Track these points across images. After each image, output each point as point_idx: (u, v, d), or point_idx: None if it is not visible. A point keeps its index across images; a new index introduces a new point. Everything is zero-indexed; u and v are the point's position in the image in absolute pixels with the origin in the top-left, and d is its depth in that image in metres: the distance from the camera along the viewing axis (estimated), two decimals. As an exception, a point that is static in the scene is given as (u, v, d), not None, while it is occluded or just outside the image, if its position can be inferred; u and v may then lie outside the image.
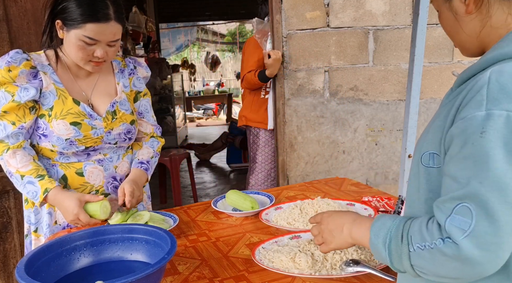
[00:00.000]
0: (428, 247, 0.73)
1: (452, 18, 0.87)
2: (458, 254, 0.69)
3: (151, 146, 1.72)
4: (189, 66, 11.75)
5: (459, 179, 0.72)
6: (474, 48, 0.89)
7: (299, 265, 1.16)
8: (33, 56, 1.49)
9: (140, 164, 1.65)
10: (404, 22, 2.90)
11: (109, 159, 1.61)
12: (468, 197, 0.70)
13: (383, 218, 0.85)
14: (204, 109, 11.40)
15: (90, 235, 1.25)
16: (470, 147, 0.71)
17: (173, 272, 1.24)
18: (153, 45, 7.54)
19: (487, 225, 0.68)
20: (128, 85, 1.66)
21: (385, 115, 3.01)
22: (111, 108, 1.58)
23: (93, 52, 1.43)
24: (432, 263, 0.73)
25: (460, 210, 0.70)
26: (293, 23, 2.82)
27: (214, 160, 6.52)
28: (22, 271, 1.02)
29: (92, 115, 1.53)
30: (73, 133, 1.49)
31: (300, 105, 2.93)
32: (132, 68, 1.69)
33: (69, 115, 1.49)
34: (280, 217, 1.54)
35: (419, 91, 2.12)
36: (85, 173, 1.56)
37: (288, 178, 3.01)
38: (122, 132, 1.60)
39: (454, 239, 0.70)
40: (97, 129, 1.53)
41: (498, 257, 0.69)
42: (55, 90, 1.49)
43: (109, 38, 1.42)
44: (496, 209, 0.68)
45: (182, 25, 12.40)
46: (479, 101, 0.72)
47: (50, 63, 1.52)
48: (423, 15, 2.01)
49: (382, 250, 0.82)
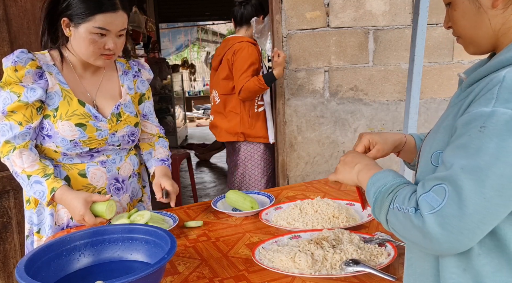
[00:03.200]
0: (402, 211, 0.79)
1: (474, 11, 0.84)
2: (421, 226, 0.74)
3: (163, 146, 1.76)
4: (189, 66, 11.75)
5: (446, 163, 0.76)
6: (486, 45, 0.87)
7: (299, 265, 1.16)
8: (38, 56, 1.48)
9: (161, 161, 1.69)
10: (404, 22, 2.90)
11: (112, 161, 1.60)
12: (447, 179, 0.74)
13: (387, 172, 0.90)
14: (204, 109, 11.40)
15: (90, 235, 1.25)
16: (466, 138, 0.74)
17: (173, 272, 1.24)
18: (153, 45, 7.54)
19: (455, 208, 0.71)
20: (132, 88, 1.66)
21: (385, 115, 3.01)
22: (116, 111, 1.58)
23: (104, 44, 1.43)
24: (402, 225, 0.79)
25: (437, 189, 0.75)
26: (293, 23, 2.82)
27: (214, 160, 6.52)
28: (22, 271, 1.02)
29: (97, 117, 1.52)
30: (78, 134, 1.48)
31: (300, 105, 2.93)
32: (137, 71, 1.70)
33: (75, 117, 1.48)
34: (280, 217, 1.54)
35: (419, 91, 2.12)
36: (88, 175, 1.55)
37: (288, 178, 3.01)
38: (126, 134, 1.60)
39: (422, 212, 0.75)
40: (102, 131, 1.53)
41: (457, 241, 0.73)
42: (61, 90, 1.49)
43: (118, 27, 1.43)
44: (469, 196, 0.71)
45: (182, 25, 12.40)
46: (489, 99, 0.74)
47: (55, 63, 1.51)
48: (423, 15, 2.01)
49: (371, 196, 0.89)
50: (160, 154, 1.71)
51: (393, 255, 1.20)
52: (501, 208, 0.72)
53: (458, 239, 0.72)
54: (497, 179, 0.70)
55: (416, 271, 0.90)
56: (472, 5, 0.84)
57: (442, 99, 3.03)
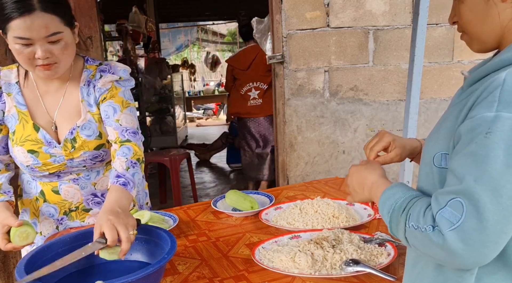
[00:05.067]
0: (420, 230, 0.76)
1: (483, 4, 0.82)
2: (442, 244, 0.72)
3: (122, 155, 1.35)
4: (189, 66, 11.74)
5: (457, 174, 0.74)
6: (491, 42, 0.85)
7: (299, 265, 1.16)
8: (3, 73, 1.40)
9: (116, 178, 1.27)
10: (404, 22, 2.90)
11: (85, 177, 1.48)
12: (463, 192, 0.72)
13: (396, 188, 0.88)
14: (204, 109, 11.39)
15: (90, 235, 1.25)
16: (474, 146, 0.72)
17: (173, 272, 1.24)
18: (153, 45, 7.54)
19: (475, 222, 0.70)
20: (93, 104, 1.44)
21: (385, 115, 3.01)
22: (69, 136, 1.41)
23: (34, 54, 1.24)
24: (421, 243, 0.77)
25: (454, 204, 0.72)
26: (293, 23, 2.82)
27: (214, 160, 6.51)
28: (22, 271, 1.02)
29: (50, 143, 1.40)
30: (31, 161, 1.40)
31: (300, 105, 2.92)
32: (98, 78, 1.44)
33: (27, 142, 1.39)
34: (279, 217, 1.54)
35: (419, 91, 2.12)
36: (61, 192, 1.48)
37: (288, 178, 3.01)
38: (88, 158, 1.44)
39: (441, 229, 0.72)
40: (57, 157, 1.41)
41: (480, 254, 0.71)
42: (17, 113, 1.40)
43: (41, 33, 1.21)
44: (487, 208, 0.69)
45: (182, 25, 12.39)
46: (491, 102, 0.73)
47: (19, 80, 1.41)
48: (423, 15, 2.01)
49: (385, 216, 0.86)
50: (116, 168, 1.33)
51: (393, 255, 1.20)
52: None
53: (482, 253, 0.71)
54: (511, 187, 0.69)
55: (418, 271, 0.90)
56: None
57: (442, 99, 3.03)
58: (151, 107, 6.97)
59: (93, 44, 2.62)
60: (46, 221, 1.54)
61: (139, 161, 1.36)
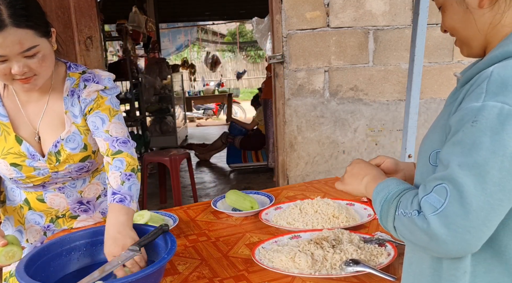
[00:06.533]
0: (407, 215, 0.78)
1: (462, 12, 0.85)
2: (426, 228, 0.73)
3: (116, 169, 1.32)
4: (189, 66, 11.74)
5: (444, 162, 0.76)
6: (478, 46, 0.88)
7: (299, 265, 1.16)
8: None
9: (112, 196, 1.25)
10: (404, 22, 2.90)
11: (70, 186, 1.45)
12: (447, 178, 0.73)
13: (391, 181, 0.90)
14: (204, 109, 11.40)
15: (90, 235, 1.25)
16: (461, 134, 0.74)
17: (173, 272, 1.24)
18: (153, 45, 7.55)
19: (458, 207, 0.71)
20: (78, 115, 1.39)
21: (385, 115, 3.01)
22: (54, 149, 1.37)
23: (10, 69, 1.19)
24: (408, 230, 0.78)
25: (438, 189, 0.74)
26: (293, 23, 2.82)
27: (214, 160, 6.51)
28: (22, 271, 1.02)
29: (34, 156, 1.36)
30: (14, 174, 1.36)
31: (300, 105, 2.93)
32: (82, 88, 1.39)
33: (10, 155, 1.34)
34: (279, 216, 1.54)
35: (419, 91, 2.12)
36: (46, 200, 1.46)
37: (288, 178, 3.01)
38: (73, 170, 1.41)
39: (425, 214, 0.74)
40: (41, 170, 1.37)
41: (464, 240, 0.72)
42: None
43: (15, 50, 1.15)
44: (470, 193, 0.70)
45: (182, 25, 12.40)
46: (479, 94, 0.74)
47: None
48: (423, 15, 2.01)
49: (377, 206, 0.88)
50: (111, 183, 1.30)
51: (393, 255, 1.20)
52: (504, 203, 0.71)
53: (465, 239, 0.71)
54: (497, 173, 0.70)
55: (414, 270, 0.90)
56: (460, 7, 0.85)
57: (442, 99, 3.03)
58: (151, 107, 6.98)
59: (93, 44, 2.63)
60: (32, 228, 1.51)
61: (134, 171, 1.33)
